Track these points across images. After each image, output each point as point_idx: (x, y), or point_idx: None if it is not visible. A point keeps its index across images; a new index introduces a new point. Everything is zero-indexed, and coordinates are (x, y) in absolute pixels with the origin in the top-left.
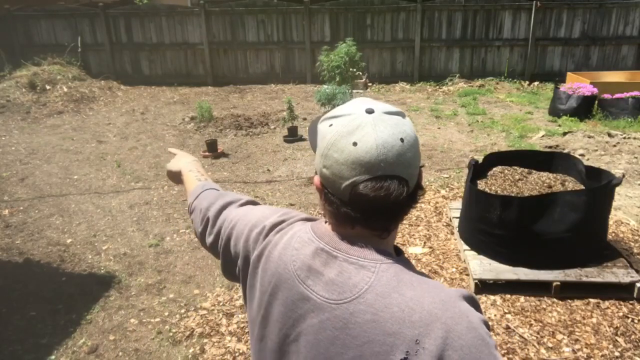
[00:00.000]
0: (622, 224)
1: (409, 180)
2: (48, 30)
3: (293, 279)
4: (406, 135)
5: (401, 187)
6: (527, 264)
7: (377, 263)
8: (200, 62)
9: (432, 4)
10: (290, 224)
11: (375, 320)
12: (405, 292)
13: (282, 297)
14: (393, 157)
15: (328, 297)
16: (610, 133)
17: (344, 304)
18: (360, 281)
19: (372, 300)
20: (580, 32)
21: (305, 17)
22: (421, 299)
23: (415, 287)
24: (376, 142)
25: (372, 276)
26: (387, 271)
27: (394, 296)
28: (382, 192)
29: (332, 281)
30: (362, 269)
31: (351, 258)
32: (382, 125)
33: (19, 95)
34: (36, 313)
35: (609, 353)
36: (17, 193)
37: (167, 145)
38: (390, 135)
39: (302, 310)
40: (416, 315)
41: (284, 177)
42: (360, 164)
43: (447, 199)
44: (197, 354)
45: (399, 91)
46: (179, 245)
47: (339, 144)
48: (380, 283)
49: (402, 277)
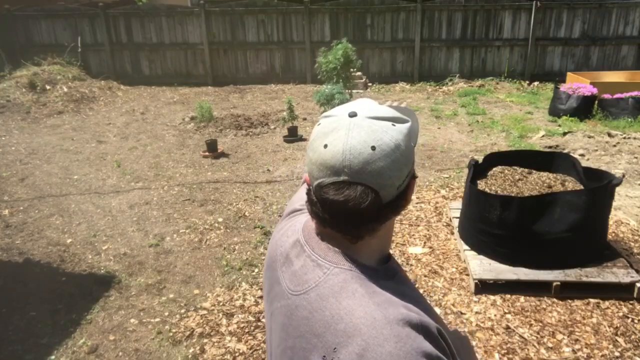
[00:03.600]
0: (622, 224)
1: (378, 190)
2: (48, 30)
3: (276, 262)
4: (381, 144)
5: (364, 196)
6: (527, 264)
7: (331, 265)
8: (200, 62)
9: (432, 4)
10: (302, 213)
11: (309, 318)
12: (342, 299)
13: (268, 276)
14: (358, 165)
15: (288, 286)
16: (610, 133)
17: (294, 295)
18: (311, 279)
19: (313, 299)
20: (580, 32)
21: (305, 17)
22: (353, 310)
23: (356, 298)
24: (343, 147)
25: (322, 276)
26: (337, 276)
27: (330, 300)
28: (340, 197)
29: (295, 273)
30: (317, 267)
31: (313, 255)
32: (356, 131)
33: (19, 95)
34: (36, 313)
35: (609, 353)
36: (17, 193)
37: (167, 145)
38: (361, 142)
39: (275, 292)
40: (342, 325)
41: (284, 177)
42: (326, 167)
43: (447, 199)
44: (197, 354)
45: (399, 91)
46: (179, 245)
47: (314, 143)
48: (325, 285)
49: (348, 285)
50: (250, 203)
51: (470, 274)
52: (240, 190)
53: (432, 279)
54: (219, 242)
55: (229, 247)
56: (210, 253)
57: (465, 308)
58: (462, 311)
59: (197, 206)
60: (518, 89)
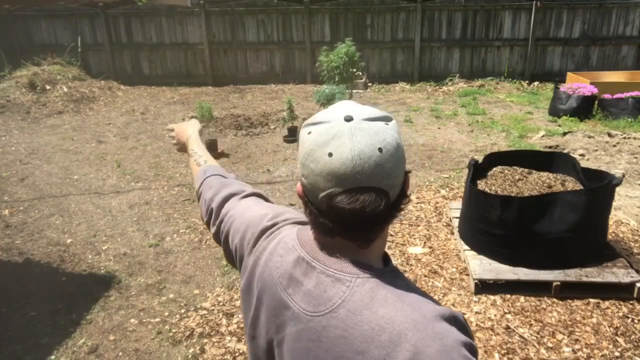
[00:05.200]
0: (622, 224)
1: (388, 191)
2: (48, 30)
3: (276, 285)
4: (385, 144)
5: (379, 199)
6: (527, 264)
7: (352, 277)
8: (200, 62)
9: (432, 4)
10: (279, 228)
11: (346, 336)
12: (377, 309)
13: (266, 302)
14: (370, 169)
15: (305, 307)
16: (610, 133)
17: (317, 316)
18: (335, 295)
19: (344, 316)
20: (580, 32)
21: (305, 17)
22: (393, 317)
23: (389, 304)
24: (352, 154)
25: (346, 291)
26: (363, 286)
27: (365, 313)
28: (357, 205)
29: (310, 292)
30: (338, 282)
31: (328, 270)
32: (359, 135)
33: (19, 95)
34: (36, 313)
35: (609, 353)
36: (17, 193)
37: (167, 146)
38: (368, 145)
39: (284, 317)
40: (385, 335)
41: (284, 177)
42: (336, 176)
43: (447, 199)
44: (197, 354)
45: (399, 91)
46: (179, 245)
47: (315, 153)
48: (353, 298)
49: (377, 293)
50: None
51: (470, 274)
52: None
53: (432, 279)
54: None
55: None
56: (210, 253)
57: (465, 308)
58: (462, 311)
59: (197, 206)
60: (518, 89)
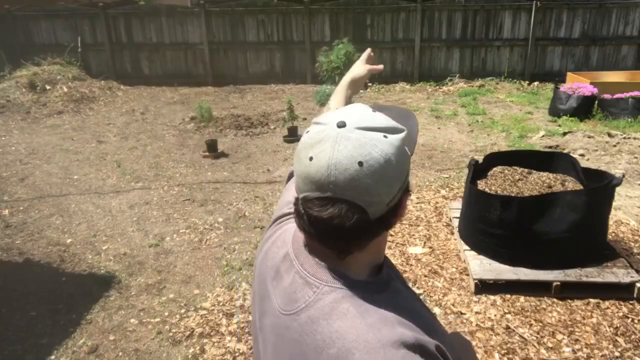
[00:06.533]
0: (622, 224)
1: (366, 208)
2: (48, 30)
3: (266, 275)
4: (368, 159)
5: (350, 214)
6: (527, 264)
7: (321, 284)
8: (200, 62)
9: (432, 4)
10: (289, 219)
11: (300, 342)
12: (334, 321)
13: (258, 288)
14: (344, 182)
15: (279, 303)
16: (610, 133)
17: (284, 315)
18: (301, 298)
19: (303, 321)
20: (580, 32)
21: (305, 17)
22: (345, 333)
23: (348, 319)
24: (328, 162)
25: (312, 296)
26: (328, 295)
27: (322, 323)
28: (325, 215)
29: (285, 290)
30: (307, 286)
31: (302, 272)
32: (343, 144)
33: (19, 95)
34: (36, 313)
35: (609, 353)
36: (17, 193)
37: (167, 145)
38: (347, 157)
39: (266, 307)
40: (334, 350)
41: (284, 177)
42: (311, 181)
43: (447, 199)
44: (197, 354)
45: (399, 91)
46: (179, 245)
47: (300, 154)
48: (315, 306)
49: (339, 305)
50: (250, 203)
51: (470, 274)
52: (240, 190)
53: (432, 279)
54: (219, 242)
55: (229, 247)
56: (210, 253)
57: (465, 308)
58: (462, 311)
59: (197, 206)
60: (518, 89)
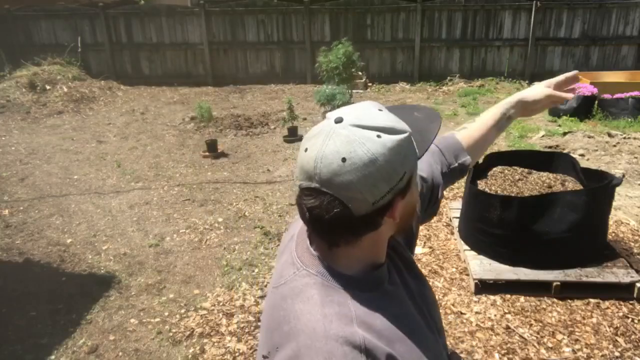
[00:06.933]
0: (622, 224)
1: (347, 203)
2: (48, 30)
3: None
4: (353, 157)
5: (330, 206)
6: (527, 264)
7: (301, 267)
8: (200, 62)
9: (432, 4)
10: None
11: (269, 314)
12: (296, 302)
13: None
14: (326, 175)
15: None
16: (610, 133)
17: (272, 287)
18: (284, 275)
19: (278, 296)
20: (580, 32)
21: (305, 17)
22: (300, 316)
23: (309, 304)
24: (317, 155)
25: (291, 276)
26: (302, 278)
27: (288, 301)
28: (308, 204)
29: (280, 265)
30: (291, 266)
31: (293, 252)
32: (333, 139)
33: (19, 95)
34: (36, 313)
35: (609, 353)
36: (17, 193)
37: (167, 145)
38: (333, 152)
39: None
40: (287, 327)
41: (284, 177)
42: (303, 171)
43: (447, 199)
44: (197, 354)
45: (399, 91)
46: (179, 245)
47: (302, 144)
48: (290, 285)
49: (308, 290)
50: (250, 203)
51: (470, 274)
52: (240, 190)
53: (432, 279)
54: (219, 242)
55: (229, 247)
56: (210, 253)
57: (465, 308)
58: (462, 311)
59: (197, 206)
60: (518, 89)
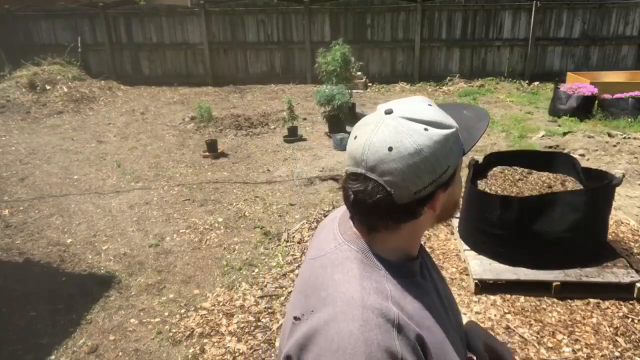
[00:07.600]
0: (622, 224)
1: (390, 189)
2: (48, 30)
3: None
4: (399, 146)
5: (373, 192)
6: (527, 264)
7: (343, 242)
8: (200, 62)
9: (432, 4)
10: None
11: (305, 280)
12: (336, 272)
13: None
14: (373, 162)
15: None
16: (610, 133)
17: (309, 259)
18: (324, 247)
19: (318, 264)
20: (580, 32)
21: (305, 17)
22: (339, 285)
23: (348, 275)
24: (365, 142)
25: (332, 249)
26: (343, 252)
27: (327, 270)
28: (353, 187)
29: (318, 241)
30: (333, 240)
31: (335, 230)
32: (381, 129)
33: (19, 95)
34: (36, 313)
35: (609, 353)
36: (17, 193)
37: (167, 145)
38: (381, 140)
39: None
40: (324, 293)
41: (284, 177)
42: (351, 157)
43: None
44: (197, 354)
45: (399, 91)
46: (179, 245)
47: (352, 132)
48: (330, 256)
49: (348, 263)
50: (250, 203)
51: (470, 274)
52: (240, 190)
53: None
54: (219, 242)
55: (229, 247)
56: (210, 253)
57: (465, 308)
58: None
59: (197, 206)
60: (518, 89)
